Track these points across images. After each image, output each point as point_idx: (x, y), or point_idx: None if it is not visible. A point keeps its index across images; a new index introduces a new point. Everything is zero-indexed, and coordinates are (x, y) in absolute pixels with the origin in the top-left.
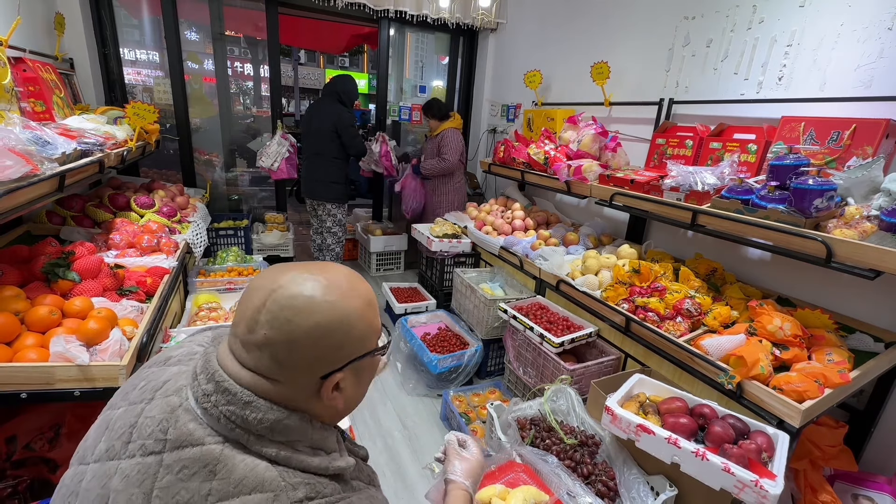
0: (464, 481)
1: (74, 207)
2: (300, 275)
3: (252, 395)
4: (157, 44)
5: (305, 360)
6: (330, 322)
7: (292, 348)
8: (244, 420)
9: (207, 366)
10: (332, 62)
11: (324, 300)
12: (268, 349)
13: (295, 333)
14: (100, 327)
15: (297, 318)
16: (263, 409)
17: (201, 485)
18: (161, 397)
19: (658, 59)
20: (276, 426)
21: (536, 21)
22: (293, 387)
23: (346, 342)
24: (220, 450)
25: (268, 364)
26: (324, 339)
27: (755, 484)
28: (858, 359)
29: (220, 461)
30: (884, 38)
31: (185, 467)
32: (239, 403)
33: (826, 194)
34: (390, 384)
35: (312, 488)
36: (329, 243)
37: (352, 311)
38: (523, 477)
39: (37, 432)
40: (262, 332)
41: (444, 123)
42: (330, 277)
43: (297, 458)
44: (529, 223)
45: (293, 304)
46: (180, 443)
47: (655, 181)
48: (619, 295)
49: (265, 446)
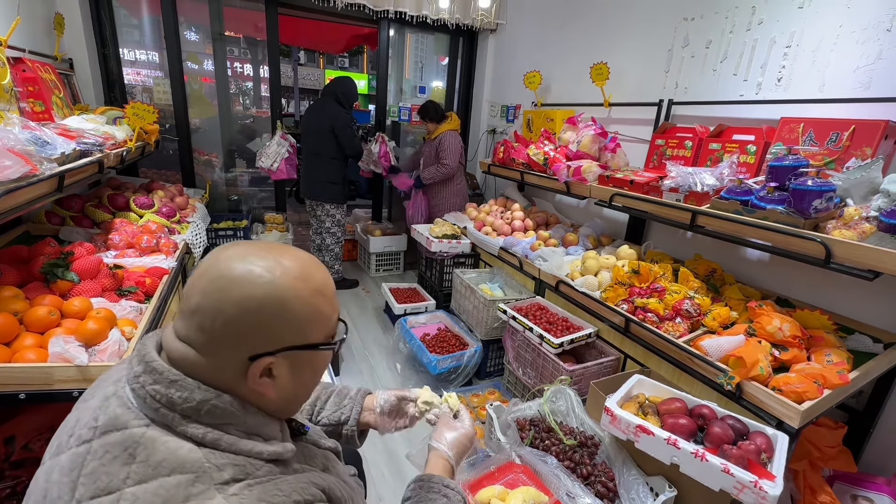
0: (447, 451)
1: (73, 208)
2: (251, 250)
3: (179, 374)
4: (156, 44)
5: (232, 334)
6: (263, 298)
7: (217, 317)
8: (169, 399)
9: (141, 349)
10: (332, 63)
11: (262, 275)
12: (197, 317)
13: (223, 303)
14: (99, 328)
15: (229, 288)
16: (190, 387)
17: (121, 468)
18: (102, 388)
19: (657, 60)
20: (203, 406)
21: (536, 22)
22: (219, 362)
23: (280, 324)
24: (143, 432)
25: (196, 334)
26: (253, 314)
27: (754, 485)
28: (857, 359)
29: (141, 444)
30: (882, 40)
31: (108, 452)
32: (164, 382)
33: (825, 195)
34: (390, 385)
35: (242, 469)
36: (328, 244)
37: (292, 294)
38: (522, 478)
39: (35, 433)
40: (194, 299)
41: (442, 126)
42: (280, 257)
43: (228, 440)
44: (529, 224)
45: (229, 273)
46: (106, 428)
47: (655, 182)
48: (619, 296)
49: (191, 427)
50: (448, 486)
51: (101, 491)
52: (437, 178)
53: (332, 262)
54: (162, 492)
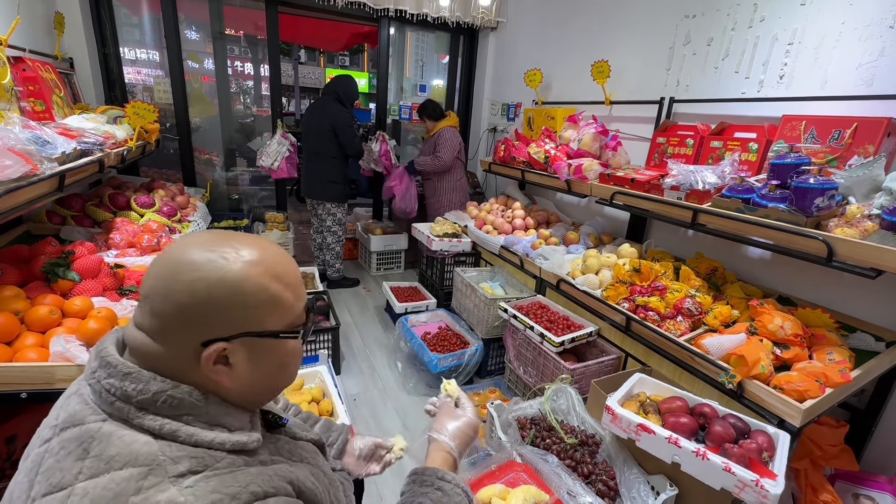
0: (448, 442)
1: (74, 207)
2: (210, 237)
3: (133, 366)
4: (157, 43)
5: (183, 317)
6: (217, 281)
7: (167, 300)
8: (124, 392)
9: (98, 345)
10: (333, 61)
11: (217, 259)
12: (148, 302)
13: (174, 286)
14: (100, 327)
15: (181, 271)
16: (145, 379)
17: (74, 464)
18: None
19: (659, 58)
20: (158, 397)
21: (537, 20)
22: (174, 350)
23: (234, 308)
24: (99, 427)
25: (149, 320)
26: (206, 297)
27: (756, 483)
28: (859, 358)
29: (96, 438)
30: (885, 37)
31: (63, 448)
32: (118, 375)
33: (827, 193)
34: (391, 384)
35: (200, 461)
36: (329, 242)
37: (249, 278)
38: (523, 476)
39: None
40: (148, 283)
41: (441, 123)
42: (239, 244)
43: (186, 432)
44: (530, 222)
45: (183, 257)
46: (65, 425)
47: (656, 180)
48: (620, 294)
49: (147, 418)
50: (443, 479)
51: (54, 487)
52: (428, 168)
53: (332, 261)
54: (112, 486)
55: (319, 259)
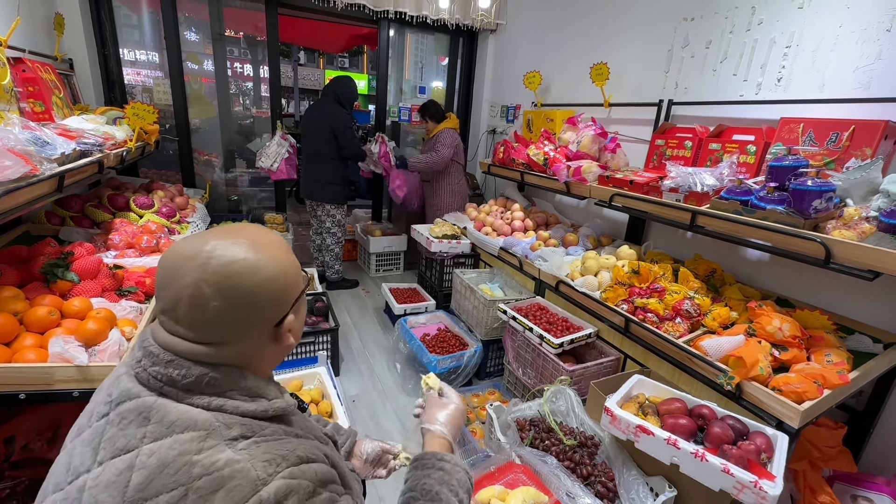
0: (442, 429)
1: (73, 208)
2: (221, 241)
3: (173, 354)
4: (156, 44)
5: (264, 314)
6: (273, 273)
7: (252, 307)
8: (170, 378)
9: (141, 336)
10: (332, 63)
11: (261, 256)
12: (227, 317)
13: (249, 296)
14: (99, 328)
15: (246, 280)
16: (186, 365)
17: (137, 430)
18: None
19: (657, 61)
20: (203, 378)
21: (536, 22)
22: (247, 342)
23: (287, 286)
24: (155, 399)
25: (226, 331)
26: (274, 289)
27: (754, 485)
28: (857, 360)
29: (154, 408)
30: (882, 40)
31: (124, 418)
32: (162, 363)
33: (825, 195)
34: (390, 385)
35: (249, 428)
36: (328, 244)
37: (283, 258)
38: (522, 478)
39: (35, 433)
40: (212, 304)
41: (441, 125)
42: (249, 235)
43: (232, 405)
44: (529, 224)
45: (235, 268)
46: (121, 399)
47: (655, 182)
48: (619, 296)
49: (195, 397)
50: (442, 459)
51: (121, 451)
52: (422, 165)
53: (332, 262)
54: (177, 446)
55: (319, 260)
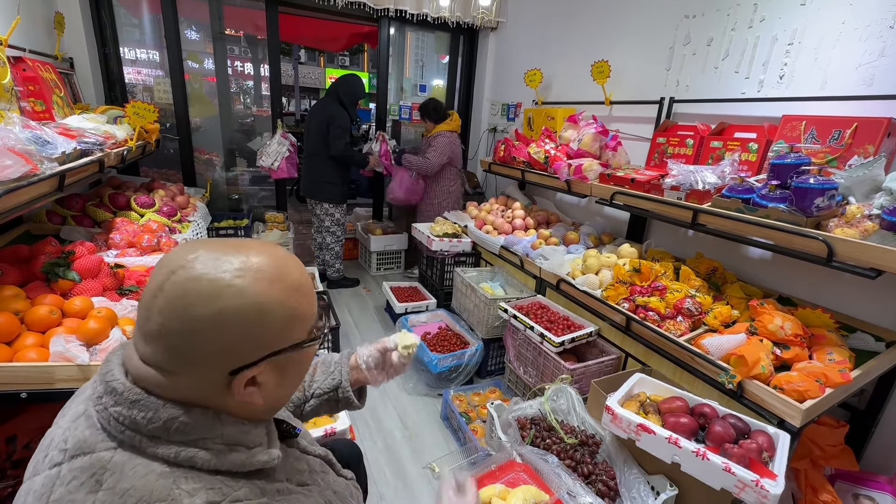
0: None
1: (74, 207)
2: (210, 253)
3: (141, 392)
4: (157, 43)
5: (210, 353)
6: (238, 309)
7: (192, 340)
8: (133, 421)
9: (104, 367)
10: (333, 61)
11: (231, 284)
12: (164, 340)
13: (195, 323)
14: (100, 327)
15: (197, 305)
16: (154, 406)
17: (86, 496)
18: (74, 405)
19: (659, 58)
20: (170, 424)
21: (537, 20)
22: (198, 380)
23: (260, 333)
24: (111, 456)
25: (165, 356)
26: (231, 329)
27: (756, 484)
28: (859, 358)
29: (108, 469)
30: (885, 37)
31: (75, 478)
32: (126, 403)
33: (827, 193)
34: (390, 384)
35: (218, 492)
36: (328, 242)
37: (268, 298)
38: (523, 476)
39: (37, 432)
40: (156, 319)
41: (440, 126)
42: (246, 257)
43: (203, 458)
44: (530, 222)
45: (194, 287)
46: (75, 451)
47: (656, 180)
48: (620, 294)
49: (161, 447)
50: None
51: None
52: (413, 166)
53: (332, 261)
54: None
55: (319, 259)
